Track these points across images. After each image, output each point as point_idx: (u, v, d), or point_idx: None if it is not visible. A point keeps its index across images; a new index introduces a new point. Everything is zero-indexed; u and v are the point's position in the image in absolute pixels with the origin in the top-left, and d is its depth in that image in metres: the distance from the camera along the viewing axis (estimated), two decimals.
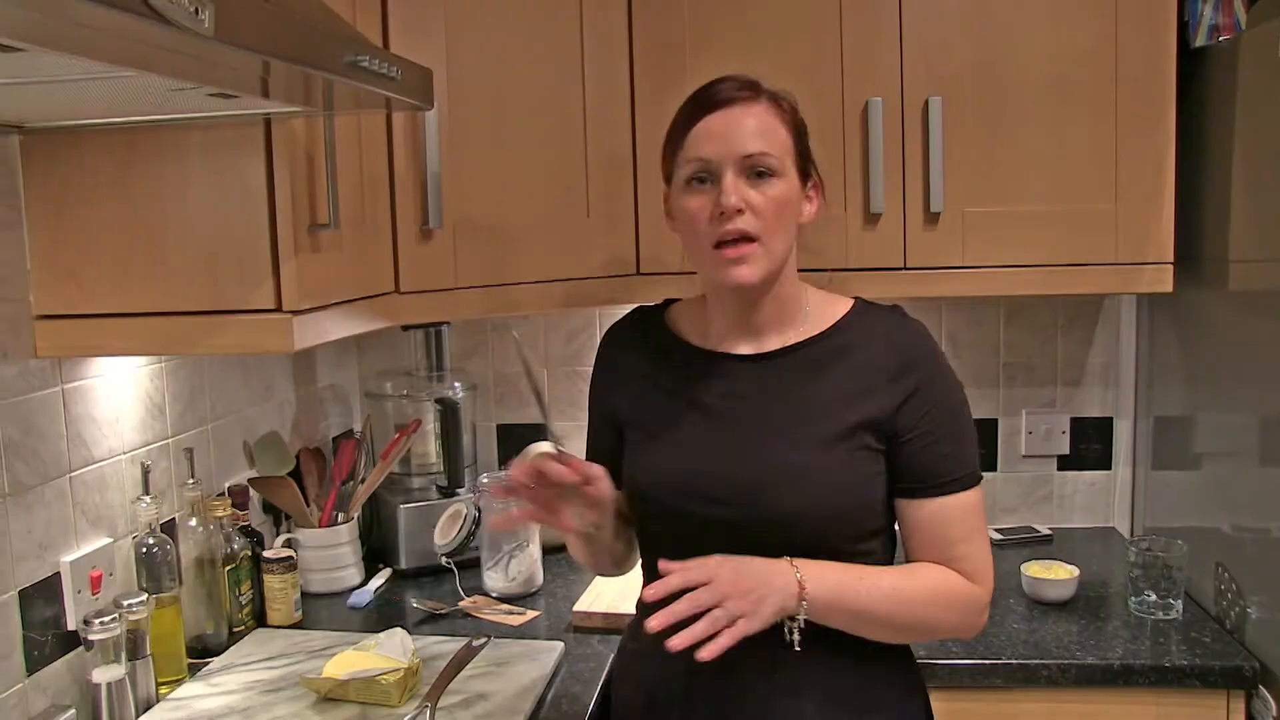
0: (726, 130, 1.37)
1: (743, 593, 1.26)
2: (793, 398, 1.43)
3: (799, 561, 1.33)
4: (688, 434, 1.46)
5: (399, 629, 1.80)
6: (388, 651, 1.73)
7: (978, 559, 1.44)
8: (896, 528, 1.47)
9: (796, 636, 1.33)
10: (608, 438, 1.57)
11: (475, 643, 1.54)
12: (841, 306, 1.49)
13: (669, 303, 1.60)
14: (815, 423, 1.40)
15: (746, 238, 1.37)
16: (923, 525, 1.42)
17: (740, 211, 1.36)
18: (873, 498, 1.42)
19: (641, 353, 1.55)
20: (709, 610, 1.24)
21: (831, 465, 1.38)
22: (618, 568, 1.63)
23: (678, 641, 1.21)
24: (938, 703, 1.84)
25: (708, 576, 1.26)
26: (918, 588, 1.40)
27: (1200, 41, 2.07)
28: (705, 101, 1.40)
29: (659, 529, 1.50)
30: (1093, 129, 2.07)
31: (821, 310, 1.48)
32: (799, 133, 1.42)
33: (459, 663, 1.46)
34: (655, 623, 1.24)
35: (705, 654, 1.21)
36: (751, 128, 1.37)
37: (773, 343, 1.46)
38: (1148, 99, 2.06)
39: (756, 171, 1.37)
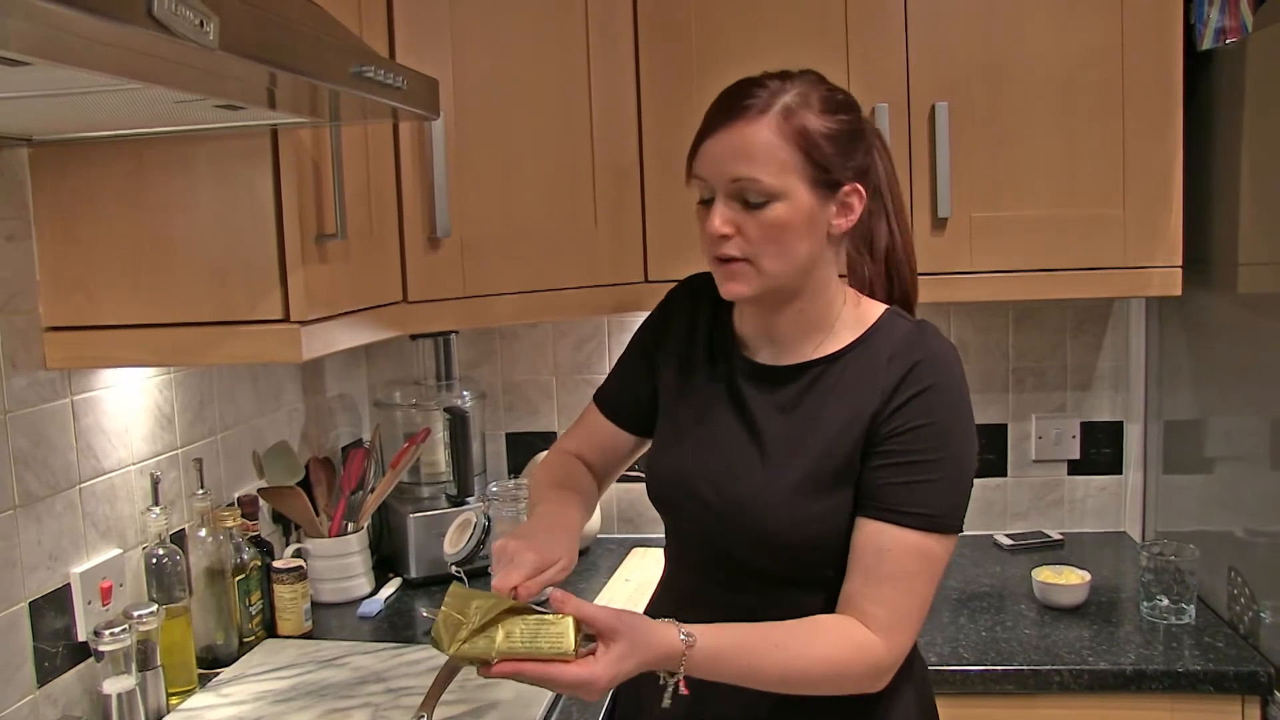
0: (719, 154, 1.34)
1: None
2: (795, 420, 1.40)
3: (695, 630, 1.27)
4: (696, 433, 1.47)
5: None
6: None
7: (896, 610, 1.32)
8: None
9: (669, 689, 1.28)
10: (639, 372, 1.60)
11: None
12: (871, 318, 1.42)
13: None
14: (808, 452, 1.37)
15: (735, 258, 1.36)
16: (858, 547, 1.34)
17: (726, 236, 1.34)
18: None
19: (699, 320, 1.54)
20: None
21: (816, 496, 1.36)
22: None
23: None
24: (950, 709, 1.84)
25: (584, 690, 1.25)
26: (815, 658, 1.30)
27: (1207, 44, 2.07)
28: (709, 119, 1.36)
29: (661, 515, 1.54)
30: (1100, 133, 2.07)
31: (852, 323, 1.42)
32: (812, 146, 1.32)
33: (451, 670, 1.42)
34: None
35: None
36: (741, 151, 1.32)
37: (792, 355, 1.43)
38: (1155, 102, 2.06)
39: (746, 196, 1.33)
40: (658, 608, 1.57)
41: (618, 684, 1.25)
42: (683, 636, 1.26)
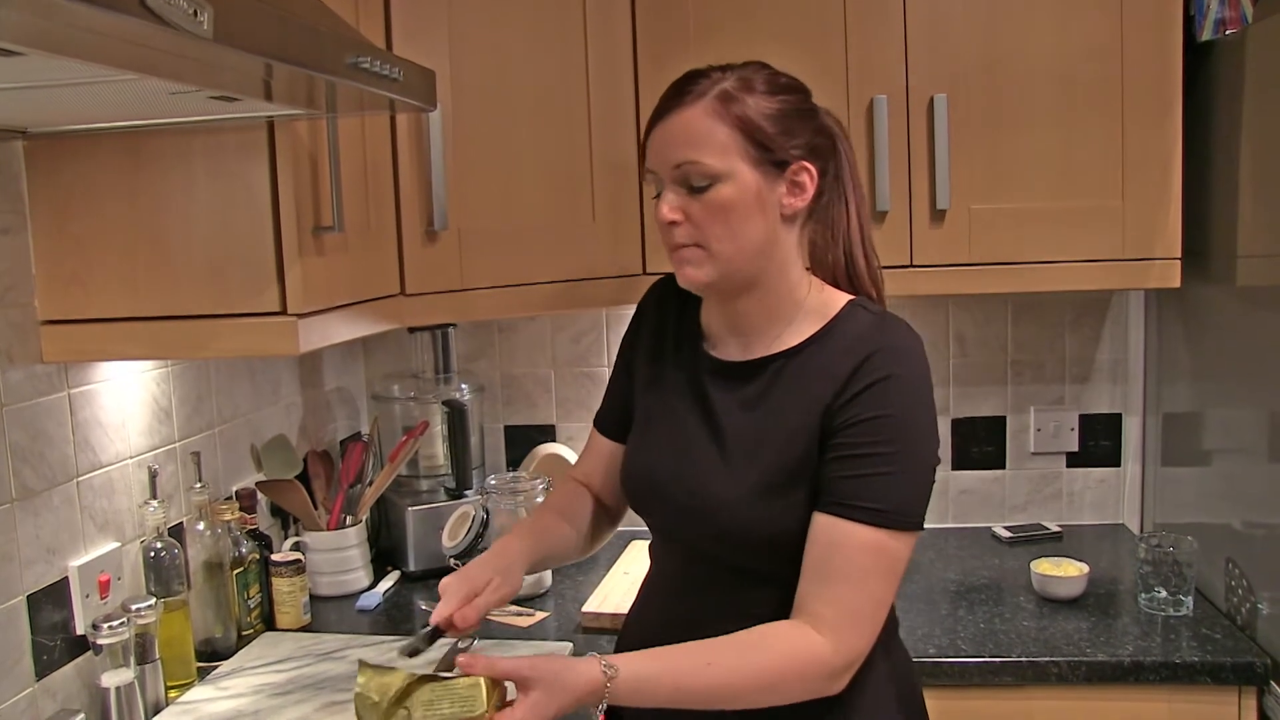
0: (662, 142, 1.36)
1: None
2: (757, 416, 1.39)
3: (618, 660, 1.27)
4: (663, 434, 1.48)
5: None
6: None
7: (846, 609, 1.29)
8: None
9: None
10: (624, 384, 1.60)
11: (460, 644, 1.50)
12: (834, 309, 1.41)
13: None
14: (769, 448, 1.36)
15: (688, 245, 1.37)
16: (811, 543, 1.32)
17: (675, 223, 1.35)
18: None
19: (668, 319, 1.54)
20: None
21: (778, 493, 1.35)
22: (585, 553, 1.67)
23: None
24: (948, 701, 1.84)
25: None
26: (748, 672, 1.29)
27: (1206, 35, 2.07)
28: (654, 113, 1.38)
29: (639, 514, 1.55)
30: (1099, 124, 2.07)
31: (815, 313, 1.41)
32: (752, 126, 1.32)
33: (447, 665, 1.43)
34: None
35: None
36: (680, 136, 1.34)
37: (757, 348, 1.42)
38: (1154, 94, 2.05)
39: (690, 180, 1.34)
40: (640, 603, 1.60)
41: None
42: (603, 668, 1.25)
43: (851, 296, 1.43)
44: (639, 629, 1.51)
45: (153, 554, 1.77)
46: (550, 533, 1.57)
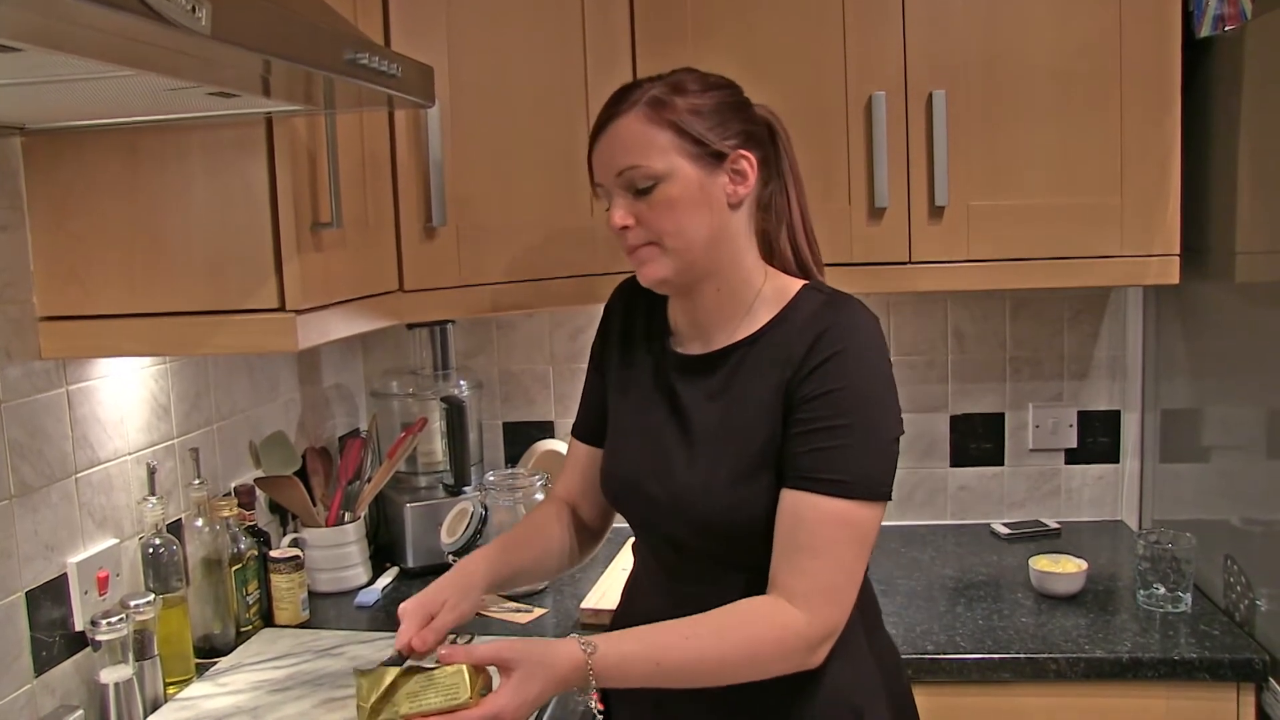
0: (603, 154, 1.41)
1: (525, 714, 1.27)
2: (723, 406, 1.42)
3: (597, 638, 1.29)
4: (637, 432, 1.51)
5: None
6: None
7: (816, 580, 1.31)
8: None
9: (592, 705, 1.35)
10: (598, 388, 1.63)
11: (457, 639, 1.52)
12: (789, 295, 1.44)
13: None
14: (737, 435, 1.39)
15: (642, 245, 1.41)
16: (779, 518, 1.34)
17: (626, 228, 1.40)
18: None
19: (635, 320, 1.57)
20: None
21: (749, 478, 1.37)
22: (568, 569, 1.68)
23: None
24: (946, 697, 1.85)
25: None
26: (727, 644, 1.31)
27: (1205, 32, 2.06)
28: (592, 130, 1.44)
29: (620, 513, 1.56)
30: (1098, 121, 2.07)
31: (771, 300, 1.44)
32: (683, 123, 1.37)
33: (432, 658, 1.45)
34: None
35: None
36: (619, 145, 1.39)
37: (718, 340, 1.45)
38: (1153, 90, 2.05)
39: (635, 184, 1.38)
40: (627, 599, 1.61)
41: (532, 709, 1.26)
42: (581, 645, 1.27)
43: (805, 282, 1.46)
44: (625, 625, 1.52)
45: (151, 550, 1.77)
46: (519, 549, 1.58)
